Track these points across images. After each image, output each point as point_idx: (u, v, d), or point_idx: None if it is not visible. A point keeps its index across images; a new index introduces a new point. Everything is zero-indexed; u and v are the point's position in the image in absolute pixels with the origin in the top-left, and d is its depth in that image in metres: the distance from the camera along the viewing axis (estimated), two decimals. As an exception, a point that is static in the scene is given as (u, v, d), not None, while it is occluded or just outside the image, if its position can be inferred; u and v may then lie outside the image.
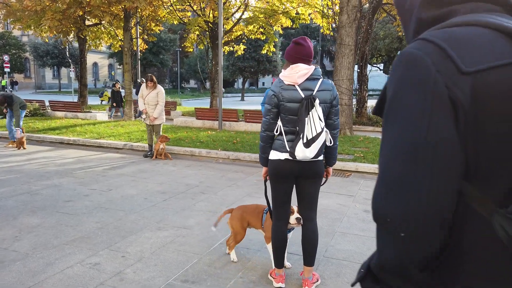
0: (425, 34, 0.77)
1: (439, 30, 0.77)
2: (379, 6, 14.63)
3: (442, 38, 0.74)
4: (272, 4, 16.19)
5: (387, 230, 0.73)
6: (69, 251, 3.48)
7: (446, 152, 0.69)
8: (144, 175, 6.46)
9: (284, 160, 2.67)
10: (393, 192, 0.71)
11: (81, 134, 10.43)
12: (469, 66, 0.70)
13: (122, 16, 14.35)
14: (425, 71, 0.71)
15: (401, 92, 0.73)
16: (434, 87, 0.70)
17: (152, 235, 3.88)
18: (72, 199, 5.01)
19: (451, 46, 0.72)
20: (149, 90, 7.89)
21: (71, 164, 7.31)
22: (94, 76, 52.28)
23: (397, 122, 0.73)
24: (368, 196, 5.47)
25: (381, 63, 33.36)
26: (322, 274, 3.17)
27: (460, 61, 0.70)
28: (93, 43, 19.74)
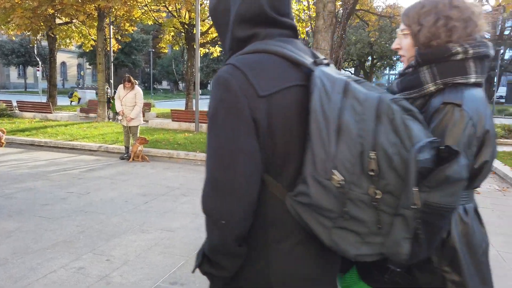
0: (233, 59, 0.96)
1: (241, 57, 0.97)
2: (352, 12, 15.02)
3: (245, 64, 0.93)
4: (248, 7, 16.27)
5: (212, 220, 0.96)
6: (51, 256, 3.40)
7: (249, 159, 0.91)
8: (123, 178, 6.36)
9: None
10: (214, 191, 0.94)
11: (52, 136, 10.13)
12: (264, 90, 0.91)
13: (95, 15, 14.04)
14: (234, 95, 0.91)
15: (218, 111, 0.93)
16: (238, 109, 0.90)
17: (136, 238, 3.84)
18: (49, 203, 4.88)
19: (251, 72, 0.92)
20: (126, 91, 7.77)
21: (44, 166, 7.09)
22: (63, 76, 50.66)
23: (215, 136, 0.93)
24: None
25: (353, 67, 34.16)
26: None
27: (258, 87, 0.91)
28: (63, 42, 19.20)
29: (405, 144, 0.86)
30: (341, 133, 0.86)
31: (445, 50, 1.17)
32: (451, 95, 1.13)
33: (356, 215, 0.89)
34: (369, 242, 0.91)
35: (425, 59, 1.19)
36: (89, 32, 17.37)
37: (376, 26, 17.83)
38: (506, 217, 4.96)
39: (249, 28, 1.01)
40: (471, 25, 1.19)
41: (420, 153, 0.83)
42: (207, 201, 0.96)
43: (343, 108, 0.87)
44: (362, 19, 17.59)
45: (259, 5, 0.99)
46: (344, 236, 0.92)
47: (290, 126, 0.94)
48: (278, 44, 0.98)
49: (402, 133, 0.86)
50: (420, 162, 0.83)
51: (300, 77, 0.96)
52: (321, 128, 0.88)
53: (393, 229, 0.89)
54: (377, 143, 0.85)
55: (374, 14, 17.01)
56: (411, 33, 1.25)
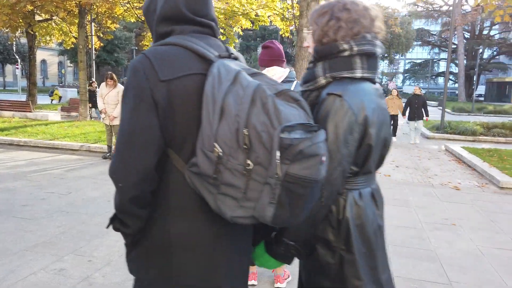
0: (146, 50, 1.14)
1: (154, 48, 1.15)
2: (336, 11, 15.11)
3: (153, 54, 1.11)
4: (232, 5, 16.22)
5: (114, 184, 1.12)
6: (31, 257, 3.32)
7: (146, 132, 1.08)
8: (106, 177, 6.26)
9: None
10: (116, 158, 1.10)
11: (32, 135, 9.90)
12: (165, 76, 1.09)
13: (76, 12, 13.76)
14: (139, 79, 1.09)
15: (127, 91, 1.11)
16: (141, 90, 1.08)
17: (119, 238, 3.78)
18: (29, 203, 4.77)
19: (156, 61, 1.10)
20: (109, 89, 7.64)
21: (24, 166, 6.93)
22: (43, 74, 49.55)
23: (123, 111, 1.11)
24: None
25: (337, 66, 34.40)
26: (292, 270, 3.26)
27: (160, 73, 1.08)
28: (43, 39, 18.76)
29: (273, 123, 1.00)
30: (223, 113, 1.02)
31: (334, 47, 1.32)
32: (335, 87, 1.29)
33: (232, 182, 1.03)
34: (243, 206, 1.06)
35: (319, 55, 1.36)
36: (70, 29, 17.02)
37: (359, 25, 17.97)
38: (485, 212, 5.09)
39: (168, 25, 1.20)
40: (358, 26, 1.32)
41: (287, 132, 0.98)
42: (111, 166, 1.11)
43: (228, 92, 1.03)
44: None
45: (177, 6, 1.18)
46: (225, 200, 1.06)
47: (189, 108, 1.10)
48: (188, 39, 1.16)
49: (272, 114, 1.00)
50: (283, 139, 0.97)
51: (204, 67, 1.12)
52: (209, 109, 1.03)
53: (261, 195, 1.03)
54: (249, 122, 1.00)
55: (357, 13, 17.14)
56: (312, 32, 1.41)
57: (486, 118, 20.22)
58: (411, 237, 4.12)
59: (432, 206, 5.28)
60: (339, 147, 1.24)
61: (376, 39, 1.37)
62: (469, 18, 26.62)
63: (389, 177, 7.09)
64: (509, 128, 13.53)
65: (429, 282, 3.13)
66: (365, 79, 1.34)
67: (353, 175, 1.35)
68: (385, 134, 1.39)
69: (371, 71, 1.34)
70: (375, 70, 1.36)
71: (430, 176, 7.26)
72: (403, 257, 3.59)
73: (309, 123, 1.06)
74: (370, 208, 1.37)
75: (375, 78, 1.38)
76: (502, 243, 4.03)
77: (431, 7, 39.99)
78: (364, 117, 1.27)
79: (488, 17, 30.06)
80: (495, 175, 6.87)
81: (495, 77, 49.95)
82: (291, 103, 1.09)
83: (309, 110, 1.13)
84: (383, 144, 1.39)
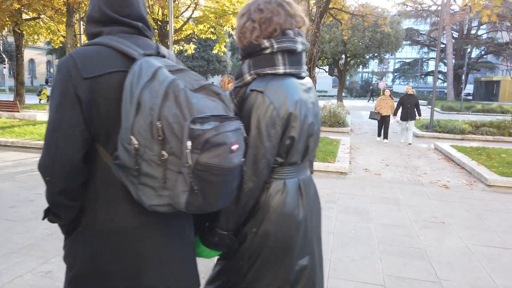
0: (73, 50, 1.21)
1: (80, 48, 1.22)
2: (326, 11, 15.17)
3: (78, 53, 1.18)
4: (222, 4, 16.17)
5: (43, 177, 1.16)
6: (17, 260, 3.27)
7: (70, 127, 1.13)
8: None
9: None
10: (44, 153, 1.15)
11: (20, 135, 9.75)
12: (88, 74, 1.14)
13: (64, 11, 13.60)
14: (63, 76, 1.15)
15: (53, 89, 1.17)
16: (66, 88, 1.14)
17: (108, 240, 3.74)
18: (17, 205, 4.69)
19: (80, 60, 1.16)
20: None
21: (11, 167, 6.82)
22: (31, 74, 48.85)
23: (50, 108, 1.18)
24: (321, 194, 5.64)
25: (327, 65, 34.55)
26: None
27: (83, 71, 1.14)
28: (30, 38, 18.50)
29: (185, 115, 1.06)
30: (139, 107, 1.07)
31: (257, 45, 1.40)
32: (258, 83, 1.36)
33: (151, 173, 1.09)
34: (160, 194, 1.11)
35: (245, 53, 1.44)
36: (58, 28, 16.81)
37: (349, 24, 18.08)
38: (473, 210, 5.15)
39: (97, 26, 1.27)
40: (272, 24, 1.39)
41: (198, 123, 1.05)
42: (39, 161, 1.16)
43: (145, 87, 1.08)
44: (335, 17, 17.80)
45: (99, 7, 1.26)
46: (144, 190, 1.12)
47: (112, 104, 1.16)
48: (114, 39, 1.22)
49: (183, 107, 1.06)
50: (193, 130, 1.04)
51: (127, 65, 1.17)
52: (126, 103, 1.09)
53: (176, 183, 1.09)
54: (162, 114, 1.06)
55: (346, 13, 17.24)
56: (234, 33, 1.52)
57: (475, 116, 20.47)
58: (400, 235, 4.14)
59: (421, 205, 5.32)
60: (263, 141, 1.32)
61: (300, 35, 1.44)
62: (457, 18, 26.95)
63: (379, 175, 7.14)
64: (496, 126, 13.72)
65: (418, 281, 3.15)
66: (290, 75, 1.41)
67: (278, 165, 1.43)
68: (311, 127, 1.47)
69: (294, 66, 1.41)
70: (298, 66, 1.43)
71: (420, 175, 7.33)
72: (393, 256, 3.62)
73: (224, 115, 1.13)
74: (292, 197, 1.44)
75: (300, 73, 1.45)
76: (490, 241, 4.08)
77: (420, 6, 40.35)
78: (286, 111, 1.35)
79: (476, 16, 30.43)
80: (483, 173, 6.95)
81: (483, 76, 50.62)
82: (212, 97, 1.17)
83: (230, 103, 1.21)
84: (307, 136, 1.46)
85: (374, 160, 8.75)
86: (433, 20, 42.53)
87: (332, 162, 7.47)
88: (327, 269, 3.29)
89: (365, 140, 12.23)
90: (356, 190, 6.02)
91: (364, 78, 65.98)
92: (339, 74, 31.55)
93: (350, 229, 4.27)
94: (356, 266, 3.37)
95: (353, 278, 3.16)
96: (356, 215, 4.77)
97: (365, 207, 5.10)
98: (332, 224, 4.41)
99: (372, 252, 3.69)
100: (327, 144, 9.62)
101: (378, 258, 3.56)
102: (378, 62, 35.58)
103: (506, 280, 3.21)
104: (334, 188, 6.04)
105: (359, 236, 4.09)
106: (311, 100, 1.48)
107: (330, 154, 8.22)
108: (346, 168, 7.22)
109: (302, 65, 1.45)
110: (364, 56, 30.42)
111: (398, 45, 29.42)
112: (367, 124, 17.14)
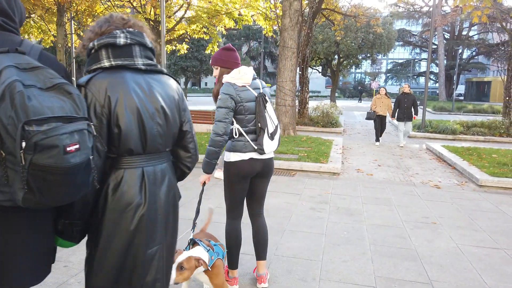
0: None
1: None
2: (318, 11, 15.19)
3: None
4: (215, 4, 16.12)
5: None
6: (3, 264, 3.20)
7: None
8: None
9: (248, 160, 2.71)
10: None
11: None
12: None
13: (55, 10, 13.46)
14: None
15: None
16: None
17: (97, 242, 3.69)
18: (4, 207, 4.61)
19: None
20: None
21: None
22: (22, 73, 48.30)
23: None
24: (314, 194, 5.67)
25: (320, 65, 34.63)
26: (273, 272, 3.23)
27: None
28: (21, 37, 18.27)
29: (20, 117, 1.08)
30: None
31: (88, 49, 1.55)
32: (82, 78, 1.48)
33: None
34: (2, 191, 1.19)
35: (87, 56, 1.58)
36: (49, 27, 16.64)
37: (341, 25, 18.12)
38: (464, 210, 5.17)
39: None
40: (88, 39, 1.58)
41: (35, 125, 1.09)
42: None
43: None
44: (328, 18, 17.83)
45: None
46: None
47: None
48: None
49: (19, 109, 1.08)
50: (27, 132, 1.08)
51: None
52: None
53: (14, 181, 1.14)
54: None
55: (339, 14, 17.28)
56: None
57: (466, 117, 20.63)
58: (392, 236, 4.14)
59: (413, 205, 5.33)
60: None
61: (129, 32, 1.56)
62: (449, 19, 27.12)
63: (372, 176, 7.15)
64: (487, 126, 13.85)
65: (410, 282, 3.15)
66: (121, 67, 1.52)
67: (117, 155, 1.51)
68: (152, 116, 1.55)
69: (122, 58, 1.52)
70: (128, 58, 1.53)
71: (412, 175, 7.35)
72: (384, 257, 3.61)
73: (68, 116, 1.18)
74: (131, 186, 1.50)
75: (134, 64, 1.55)
76: (480, 241, 4.09)
77: (412, 7, 40.62)
78: (107, 102, 1.44)
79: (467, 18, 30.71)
80: (474, 173, 6.99)
81: (474, 77, 51.13)
82: (63, 96, 1.21)
83: (82, 103, 1.26)
84: (144, 125, 1.52)
85: (366, 160, 8.77)
86: (425, 21, 42.86)
87: (324, 163, 7.47)
88: (318, 271, 3.27)
89: (357, 140, 12.26)
90: (348, 190, 6.01)
91: (357, 79, 66.29)
92: (332, 74, 31.65)
93: (342, 230, 4.26)
94: (347, 268, 3.36)
95: (344, 279, 3.15)
96: (348, 215, 4.76)
97: (357, 208, 5.09)
98: (324, 225, 4.40)
99: (363, 253, 3.68)
100: (320, 144, 9.62)
101: (370, 259, 3.55)
102: (371, 62, 35.75)
103: (496, 281, 3.21)
104: (326, 189, 6.03)
105: (351, 237, 4.08)
106: (158, 90, 1.59)
107: (323, 154, 8.22)
108: (338, 169, 7.22)
109: (135, 57, 1.55)
110: (357, 57, 30.55)
111: (391, 45, 29.59)
112: (360, 125, 17.20)
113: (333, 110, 15.57)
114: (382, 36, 27.27)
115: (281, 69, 11.35)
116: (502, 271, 3.40)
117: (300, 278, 3.14)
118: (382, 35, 27.10)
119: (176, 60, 37.38)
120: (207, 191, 5.57)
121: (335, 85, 31.46)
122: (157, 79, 1.63)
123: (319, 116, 14.92)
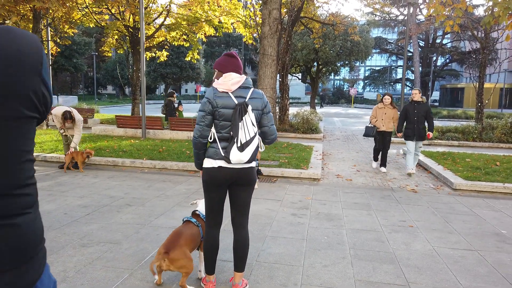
0: None
1: None
2: (297, 19, 15.42)
3: None
4: (194, 11, 16.14)
5: None
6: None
7: None
8: (62, 189, 6.00)
9: (218, 168, 2.71)
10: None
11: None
12: None
13: (31, 17, 13.19)
14: None
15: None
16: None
17: (75, 253, 3.63)
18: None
19: None
20: (69, 125, 7.45)
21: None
22: (-5, 80, 46.91)
23: None
24: (295, 200, 5.72)
25: (299, 72, 34.99)
26: (255, 278, 3.25)
27: None
28: (-6, 44, 17.79)
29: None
30: None
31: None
32: None
33: None
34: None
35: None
36: (24, 34, 16.24)
37: (320, 33, 18.42)
38: (440, 213, 5.32)
39: None
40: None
41: None
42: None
43: None
44: (307, 26, 18.10)
45: None
46: None
47: None
48: None
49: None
50: None
51: None
52: None
53: None
54: None
55: (317, 22, 17.57)
56: None
57: (441, 122, 21.22)
58: (371, 240, 4.23)
59: (391, 209, 5.46)
60: None
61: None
62: (423, 28, 27.96)
63: (351, 181, 7.27)
64: (461, 132, 14.28)
65: (388, 284, 3.22)
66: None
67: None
68: None
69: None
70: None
71: (389, 180, 7.52)
72: (363, 260, 3.68)
73: None
74: None
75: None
76: (455, 243, 4.23)
77: (388, 16, 41.67)
78: None
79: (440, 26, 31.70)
80: (449, 177, 7.21)
81: (448, 83, 52.69)
82: None
83: None
84: None
85: (345, 166, 8.91)
86: (400, 29, 43.98)
87: (305, 169, 7.55)
88: (299, 276, 3.31)
89: (337, 146, 12.44)
90: (329, 196, 6.10)
91: (336, 85, 67.25)
92: (311, 81, 32.01)
93: (322, 235, 4.32)
94: (328, 272, 3.41)
95: (325, 284, 3.20)
96: (329, 220, 4.84)
97: (337, 213, 5.18)
98: (305, 230, 4.45)
99: (343, 257, 3.74)
100: (301, 151, 9.72)
101: (350, 263, 3.62)
102: (349, 69, 36.35)
103: (471, 281, 3.32)
104: (307, 194, 6.10)
105: (331, 241, 4.14)
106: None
107: (303, 160, 8.31)
108: (318, 175, 7.32)
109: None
110: (336, 64, 31.01)
111: (368, 53, 30.19)
112: (339, 131, 17.45)
113: (313, 117, 15.75)
114: (360, 43, 27.82)
115: (261, 76, 11.44)
116: (475, 272, 3.52)
117: (282, 284, 3.17)
118: (360, 43, 27.65)
119: (155, 67, 37.01)
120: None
121: (314, 92, 31.84)
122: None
123: (299, 122, 15.06)
